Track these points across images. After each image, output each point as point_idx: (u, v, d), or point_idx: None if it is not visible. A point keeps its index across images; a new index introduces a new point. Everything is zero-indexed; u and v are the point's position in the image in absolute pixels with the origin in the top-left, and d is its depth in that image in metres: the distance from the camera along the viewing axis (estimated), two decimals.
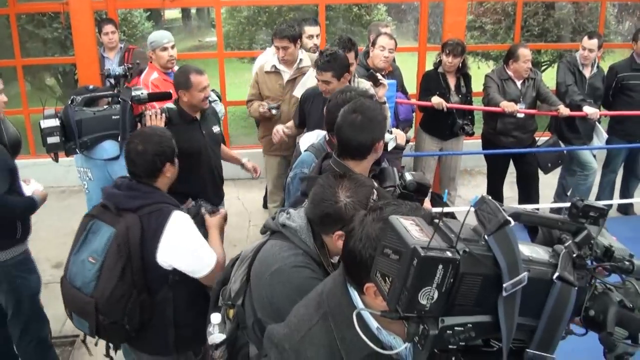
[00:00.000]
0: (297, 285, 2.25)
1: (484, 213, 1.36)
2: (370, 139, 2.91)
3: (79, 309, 2.96)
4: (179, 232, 2.95)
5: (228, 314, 2.48)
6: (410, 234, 1.30)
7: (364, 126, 2.89)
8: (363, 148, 2.92)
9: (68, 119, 3.62)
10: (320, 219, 2.33)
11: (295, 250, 2.34)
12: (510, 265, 1.30)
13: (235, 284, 2.46)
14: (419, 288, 1.24)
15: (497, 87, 6.32)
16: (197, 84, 4.25)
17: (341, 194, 2.28)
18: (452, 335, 1.32)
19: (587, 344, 1.64)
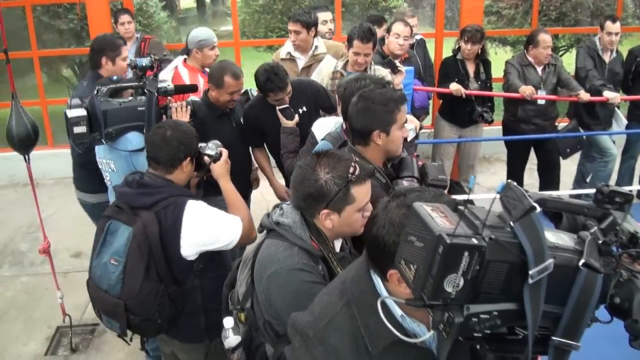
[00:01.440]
0: (292, 289, 2.26)
1: (510, 199, 1.35)
2: (368, 126, 2.91)
3: (108, 311, 2.96)
4: (198, 220, 2.94)
5: (239, 317, 2.48)
6: (435, 221, 1.28)
7: (362, 113, 2.92)
8: (363, 133, 2.95)
9: (94, 109, 3.59)
10: (304, 201, 2.35)
11: (291, 249, 2.32)
12: (536, 252, 1.28)
13: (242, 287, 2.46)
14: (444, 275, 1.23)
15: (518, 74, 6.26)
16: (228, 86, 4.26)
17: (320, 172, 2.30)
18: (478, 323, 1.30)
19: (611, 332, 1.61)
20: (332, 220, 2.34)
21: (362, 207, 2.37)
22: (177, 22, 17.95)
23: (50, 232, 4.36)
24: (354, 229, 2.42)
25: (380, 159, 3.03)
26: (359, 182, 2.34)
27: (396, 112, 2.93)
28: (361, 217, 2.38)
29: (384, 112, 2.91)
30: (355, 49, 4.74)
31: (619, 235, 1.46)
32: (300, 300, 2.17)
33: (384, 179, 2.97)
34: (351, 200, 2.33)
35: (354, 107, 2.96)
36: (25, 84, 10.54)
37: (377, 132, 2.92)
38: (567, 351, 1.40)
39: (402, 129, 2.99)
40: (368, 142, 2.97)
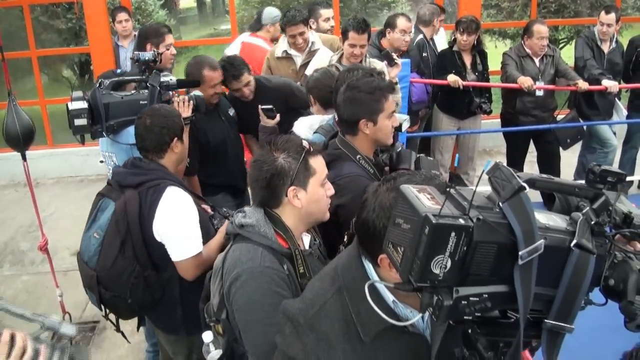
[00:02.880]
0: (249, 292, 2.22)
1: (498, 180, 1.32)
2: (355, 115, 2.91)
3: (86, 283, 3.05)
4: (171, 208, 2.94)
5: (217, 330, 2.46)
6: (422, 202, 1.26)
7: (349, 102, 2.92)
8: (350, 122, 2.96)
9: (96, 101, 3.60)
10: (268, 186, 2.33)
11: (254, 251, 2.28)
12: (526, 232, 1.26)
13: (215, 298, 2.42)
14: (431, 257, 1.20)
15: (516, 65, 6.25)
16: (210, 80, 4.23)
17: (276, 154, 2.33)
18: (468, 306, 1.28)
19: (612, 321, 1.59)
20: (301, 199, 2.34)
21: (323, 181, 2.39)
22: (176, 21, 17.98)
23: (50, 231, 4.36)
24: (321, 208, 2.42)
25: (369, 149, 3.02)
26: (314, 153, 2.38)
27: (383, 101, 2.91)
28: (325, 195, 2.41)
29: (370, 101, 2.90)
30: (350, 40, 4.73)
31: (612, 215, 1.43)
32: (254, 306, 2.19)
33: (372, 169, 2.95)
34: (312, 171, 2.35)
35: (341, 96, 2.96)
36: (25, 84, 10.55)
37: (364, 120, 2.91)
38: (561, 334, 1.37)
39: (391, 118, 2.97)
40: (356, 131, 2.96)
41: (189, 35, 19.03)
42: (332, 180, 2.55)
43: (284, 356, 1.74)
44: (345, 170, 2.90)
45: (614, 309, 1.43)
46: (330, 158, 2.86)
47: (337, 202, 2.67)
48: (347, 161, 2.96)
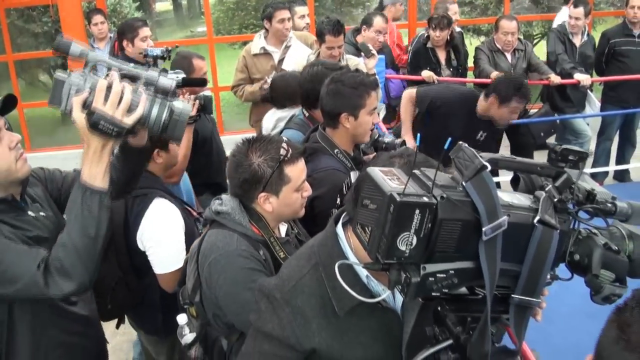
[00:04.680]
0: (230, 276, 2.27)
1: (461, 160, 1.35)
2: (337, 108, 2.96)
3: None
4: (156, 222, 2.90)
5: (191, 313, 2.48)
6: (387, 183, 1.29)
7: (333, 95, 2.97)
8: (332, 115, 3.00)
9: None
10: (241, 187, 2.37)
11: (230, 237, 2.33)
12: (489, 209, 1.29)
13: (190, 281, 2.45)
14: (397, 234, 1.24)
15: (488, 59, 6.31)
16: (199, 69, 4.25)
17: (253, 156, 2.33)
18: (435, 282, 1.32)
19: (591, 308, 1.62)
20: (272, 203, 2.37)
21: (299, 187, 2.41)
22: (152, 23, 17.92)
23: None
24: (294, 210, 2.46)
25: (348, 144, 3.06)
26: (291, 161, 2.37)
27: (366, 97, 2.96)
28: (300, 197, 2.43)
29: (353, 96, 2.94)
30: (328, 43, 4.83)
31: (575, 193, 1.46)
32: (238, 287, 2.23)
33: (349, 163, 2.99)
34: (287, 180, 2.36)
35: (325, 88, 3.01)
36: (2, 89, 10.46)
37: (346, 114, 2.95)
38: (528, 309, 1.41)
39: (372, 115, 3.02)
40: (337, 124, 3.01)
41: (165, 37, 18.90)
42: (309, 174, 2.58)
43: (257, 333, 1.77)
44: (322, 164, 2.95)
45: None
46: (309, 151, 2.89)
47: (314, 195, 2.70)
48: (325, 155, 3.00)
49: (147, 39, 4.65)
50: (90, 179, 1.97)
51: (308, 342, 1.71)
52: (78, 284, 2.00)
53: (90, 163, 1.96)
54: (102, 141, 1.94)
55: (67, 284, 1.99)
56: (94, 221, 1.98)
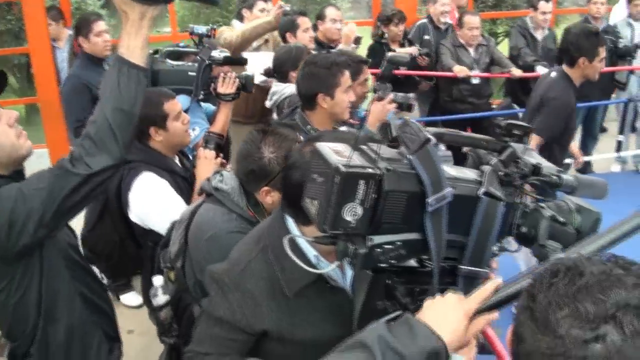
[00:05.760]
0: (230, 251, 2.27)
1: (407, 135, 1.38)
2: (313, 89, 3.03)
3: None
4: (142, 193, 2.94)
5: (169, 277, 2.49)
6: (334, 156, 1.31)
7: (307, 77, 3.04)
8: (308, 97, 3.07)
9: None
10: (246, 175, 2.35)
11: (229, 215, 2.33)
12: (433, 181, 1.32)
13: (174, 246, 2.45)
14: (342, 204, 1.26)
15: (451, 54, 6.38)
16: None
17: (265, 150, 2.30)
18: (382, 254, 1.34)
19: None
20: (272, 197, 2.36)
21: None
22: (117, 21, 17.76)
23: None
24: None
25: (327, 124, 3.10)
26: None
27: (339, 76, 3.02)
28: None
29: (327, 76, 3.01)
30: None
31: (520, 166, 1.50)
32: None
33: None
34: None
35: (300, 72, 3.09)
36: None
37: (322, 95, 3.02)
38: (476, 279, 1.44)
39: (348, 93, 3.07)
40: (314, 106, 3.07)
41: None
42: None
43: (209, 318, 1.78)
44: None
45: None
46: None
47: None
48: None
49: (103, 33, 4.61)
50: (128, 53, 1.96)
51: (259, 324, 1.73)
52: (113, 158, 1.99)
53: (128, 35, 1.95)
54: (141, 10, 1.91)
55: (102, 158, 1.98)
56: (129, 95, 1.96)
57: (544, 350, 0.97)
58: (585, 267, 1.02)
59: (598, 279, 0.99)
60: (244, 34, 4.84)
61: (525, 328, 1.02)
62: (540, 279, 1.05)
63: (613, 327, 0.94)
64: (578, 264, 1.03)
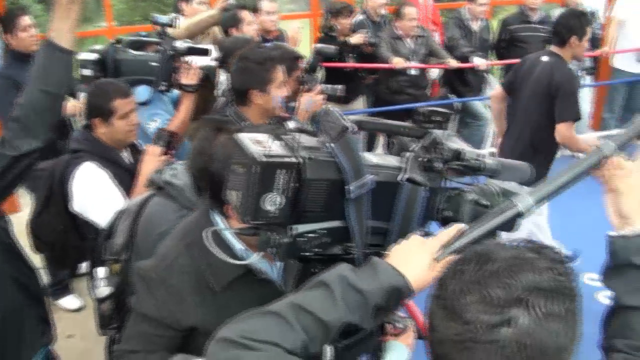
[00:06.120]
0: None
1: (328, 123, 1.39)
2: (246, 84, 2.97)
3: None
4: (84, 184, 2.91)
5: (113, 269, 2.44)
6: (254, 146, 1.31)
7: (240, 72, 2.99)
8: (241, 93, 3.01)
9: (107, 56, 3.67)
10: (199, 172, 2.30)
11: (181, 211, 2.27)
12: (354, 168, 1.33)
13: (120, 238, 2.41)
14: (262, 194, 1.26)
15: (388, 46, 6.41)
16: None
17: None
18: (306, 242, 1.35)
19: None
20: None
21: None
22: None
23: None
24: None
25: (261, 120, 3.04)
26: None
27: (273, 71, 2.97)
28: None
29: (260, 71, 2.95)
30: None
31: (442, 152, 1.52)
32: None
33: None
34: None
35: (233, 67, 3.02)
36: None
37: (255, 91, 2.96)
38: None
39: (282, 88, 3.03)
40: (247, 101, 3.01)
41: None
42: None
43: (137, 315, 1.76)
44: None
45: None
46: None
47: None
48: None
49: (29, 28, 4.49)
50: (56, 36, 2.05)
51: (185, 320, 1.72)
52: (40, 139, 2.08)
53: (58, 20, 2.05)
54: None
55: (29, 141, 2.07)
56: (55, 78, 2.06)
57: (453, 337, 0.99)
58: (495, 253, 1.04)
59: (508, 263, 1.02)
60: (189, 28, 4.72)
61: (436, 316, 1.04)
62: (450, 267, 1.07)
63: (522, 311, 0.97)
64: (489, 250, 1.06)
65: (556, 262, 1.04)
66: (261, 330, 1.17)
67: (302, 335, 1.18)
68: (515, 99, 4.63)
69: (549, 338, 0.97)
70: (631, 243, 1.38)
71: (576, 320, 1.02)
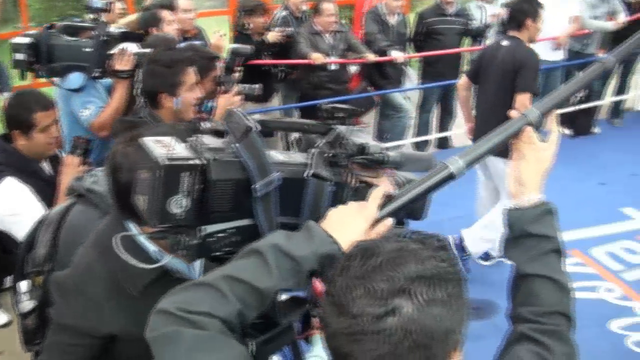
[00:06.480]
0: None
1: (232, 124, 1.41)
2: (155, 88, 2.96)
3: None
4: (4, 199, 2.85)
5: (36, 281, 2.40)
6: (158, 150, 1.32)
7: (150, 75, 2.98)
8: (151, 96, 3.00)
9: (40, 41, 3.59)
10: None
11: (103, 218, 2.25)
12: (259, 167, 1.36)
13: (42, 249, 2.36)
14: (167, 197, 1.27)
15: (307, 42, 6.45)
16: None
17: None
18: (216, 242, 1.37)
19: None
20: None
21: None
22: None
23: None
24: None
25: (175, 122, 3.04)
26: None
27: (182, 74, 2.95)
28: None
29: (169, 74, 2.93)
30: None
31: (347, 147, 1.56)
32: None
33: None
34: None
35: (143, 70, 3.01)
36: None
37: (165, 94, 2.94)
38: None
39: (193, 91, 3.01)
40: (158, 105, 2.98)
41: None
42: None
43: (55, 325, 1.75)
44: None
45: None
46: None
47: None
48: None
49: None
50: None
51: (104, 327, 1.72)
52: None
53: None
54: None
55: None
56: None
57: (344, 331, 1.04)
58: (379, 247, 1.10)
59: (391, 256, 1.07)
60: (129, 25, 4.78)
61: (327, 312, 1.08)
62: (338, 263, 1.11)
63: (406, 300, 1.02)
64: (374, 244, 1.11)
65: (439, 250, 1.10)
66: (196, 302, 1.21)
67: (237, 305, 1.22)
68: (483, 84, 4.95)
69: (433, 322, 1.02)
70: (526, 213, 1.47)
71: (461, 302, 1.08)
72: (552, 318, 1.37)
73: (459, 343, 1.09)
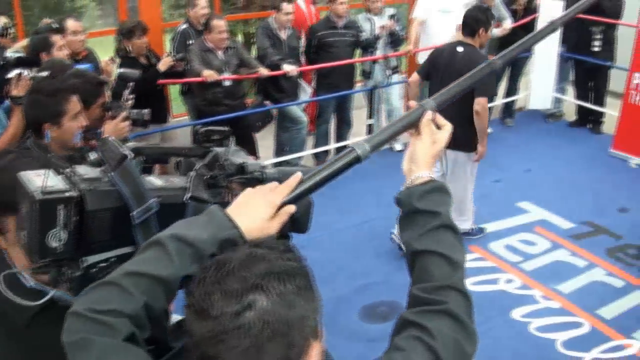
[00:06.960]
0: None
1: (107, 153, 1.44)
2: (38, 119, 2.90)
3: None
4: None
5: None
6: (34, 184, 1.33)
7: (32, 106, 2.93)
8: (35, 127, 2.92)
9: None
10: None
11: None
12: (136, 194, 1.39)
13: None
14: (44, 231, 1.28)
15: (199, 59, 6.44)
16: None
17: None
18: (99, 272, 1.38)
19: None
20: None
21: None
22: None
23: None
24: None
25: (60, 151, 2.96)
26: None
27: (65, 103, 2.88)
28: None
29: (52, 104, 2.87)
30: None
31: (226, 167, 1.60)
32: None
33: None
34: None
35: (26, 99, 2.96)
36: None
37: (48, 124, 2.87)
38: None
39: (78, 119, 2.95)
40: (42, 135, 2.90)
41: None
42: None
43: None
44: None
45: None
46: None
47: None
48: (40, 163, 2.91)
49: None
50: None
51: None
52: None
53: None
54: None
55: None
56: None
57: (207, 335, 1.09)
58: (230, 256, 1.16)
59: (242, 260, 1.14)
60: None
61: (191, 322, 1.13)
62: (194, 278, 1.16)
63: (260, 294, 1.09)
64: (225, 256, 1.17)
65: (285, 252, 1.18)
66: (103, 300, 1.22)
67: (142, 298, 1.23)
68: (437, 84, 5.25)
69: (288, 311, 1.10)
70: (414, 190, 1.52)
71: (311, 293, 1.17)
72: (443, 293, 1.37)
73: (316, 331, 1.16)
